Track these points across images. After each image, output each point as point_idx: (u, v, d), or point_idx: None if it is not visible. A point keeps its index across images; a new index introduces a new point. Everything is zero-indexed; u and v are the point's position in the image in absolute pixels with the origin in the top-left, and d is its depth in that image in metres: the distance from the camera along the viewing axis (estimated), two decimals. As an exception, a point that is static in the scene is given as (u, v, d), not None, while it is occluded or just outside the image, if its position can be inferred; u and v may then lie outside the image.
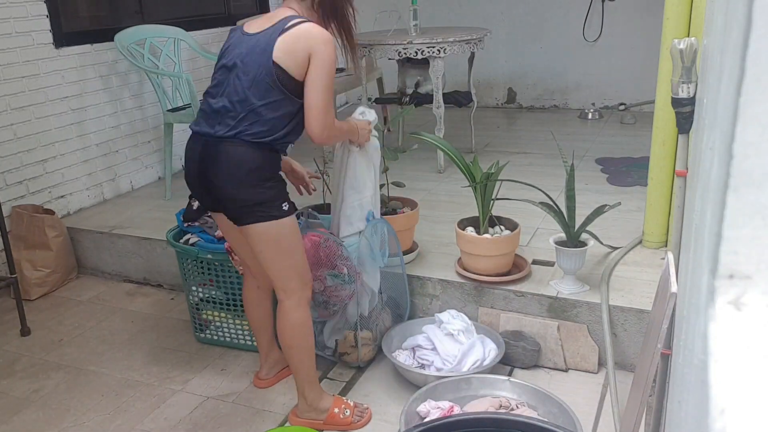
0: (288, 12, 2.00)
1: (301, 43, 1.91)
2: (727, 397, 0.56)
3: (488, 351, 2.34)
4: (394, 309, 2.62)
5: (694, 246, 0.91)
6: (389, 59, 3.95)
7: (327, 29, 2.01)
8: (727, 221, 0.61)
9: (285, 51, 1.91)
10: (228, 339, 2.69)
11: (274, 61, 1.90)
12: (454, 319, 2.42)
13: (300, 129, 2.03)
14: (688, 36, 2.27)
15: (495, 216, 2.59)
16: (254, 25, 2.01)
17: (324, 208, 2.88)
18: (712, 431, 0.54)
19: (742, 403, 0.56)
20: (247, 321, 2.45)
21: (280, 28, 1.94)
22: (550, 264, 2.66)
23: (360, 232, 2.42)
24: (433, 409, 2.07)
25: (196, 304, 2.70)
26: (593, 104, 5.57)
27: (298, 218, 2.60)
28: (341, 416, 2.18)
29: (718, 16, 0.88)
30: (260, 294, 2.33)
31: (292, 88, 1.94)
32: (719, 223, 0.62)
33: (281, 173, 2.09)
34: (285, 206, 2.02)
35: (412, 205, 2.83)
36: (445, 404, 2.11)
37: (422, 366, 2.35)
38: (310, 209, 2.78)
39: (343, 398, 2.24)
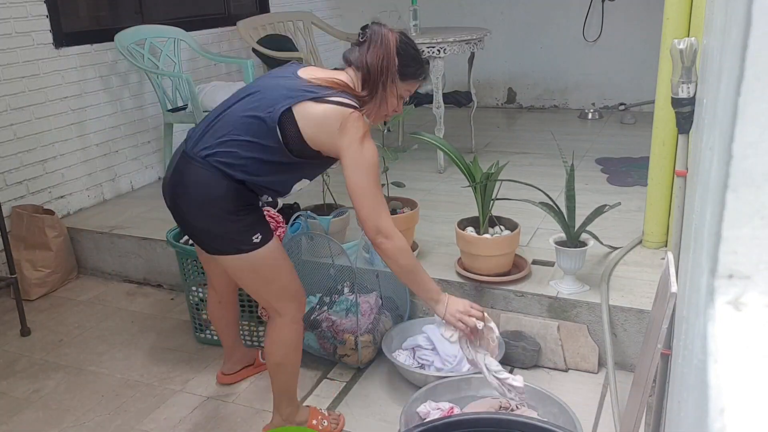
0: (340, 77, 1.86)
1: (332, 127, 1.75)
2: (727, 397, 0.56)
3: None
4: (393, 310, 2.62)
5: (694, 246, 0.91)
6: (389, 59, 3.94)
7: (369, 101, 1.86)
8: (727, 221, 0.61)
9: (308, 114, 1.76)
10: (228, 339, 2.69)
11: (290, 109, 1.76)
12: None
13: (284, 188, 1.93)
14: (688, 36, 2.27)
15: (495, 216, 2.59)
16: (309, 72, 1.87)
17: (324, 209, 2.89)
18: (712, 431, 0.54)
19: (741, 403, 0.56)
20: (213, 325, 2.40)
21: (323, 93, 1.78)
22: (550, 264, 2.66)
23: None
24: (433, 410, 2.07)
25: (196, 304, 2.70)
26: (593, 104, 5.57)
27: (296, 220, 2.60)
28: (320, 427, 2.13)
29: (718, 16, 0.88)
30: (222, 307, 2.31)
31: (293, 141, 1.79)
32: (719, 223, 0.62)
33: (255, 205, 1.92)
34: (256, 238, 1.85)
35: (412, 205, 2.83)
36: (446, 405, 2.10)
37: (422, 366, 2.35)
38: (309, 211, 2.78)
39: (318, 409, 2.20)
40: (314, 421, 2.14)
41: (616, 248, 2.78)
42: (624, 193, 3.45)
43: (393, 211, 2.75)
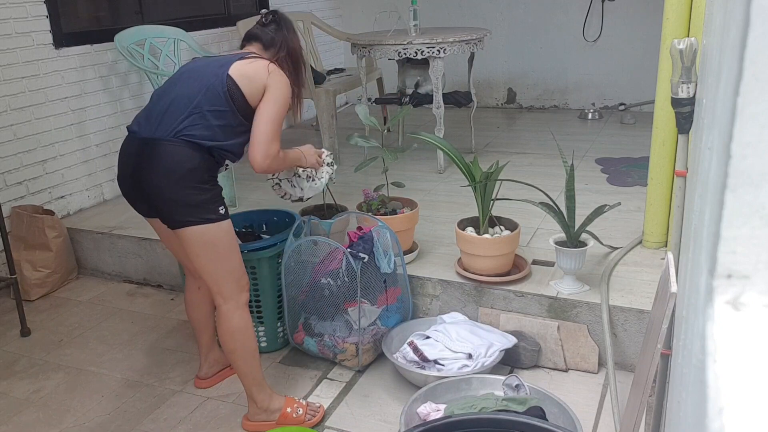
0: (251, 50, 2.16)
1: (260, 74, 2.02)
2: (725, 397, 0.56)
3: (495, 350, 2.34)
4: (395, 311, 2.62)
5: (693, 246, 0.91)
6: (389, 59, 3.95)
7: None
8: (726, 221, 0.61)
9: (242, 72, 2.02)
10: (228, 339, 2.68)
11: (228, 74, 2.00)
12: (458, 320, 2.42)
13: (240, 150, 2.08)
14: (688, 36, 2.27)
15: (495, 216, 2.59)
16: (236, 52, 2.17)
17: (324, 210, 2.88)
18: (710, 431, 0.54)
19: (740, 402, 0.56)
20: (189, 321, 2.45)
21: (241, 55, 2.08)
22: (550, 264, 2.66)
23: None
24: (433, 412, 2.07)
25: (196, 305, 2.69)
26: (593, 104, 5.57)
27: (299, 224, 2.60)
28: (293, 416, 2.19)
29: (717, 16, 0.88)
30: (200, 295, 2.34)
31: (240, 105, 2.01)
32: (717, 223, 0.61)
33: (218, 178, 2.10)
34: (221, 209, 2.04)
35: (412, 205, 2.83)
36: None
37: (422, 367, 2.33)
38: (310, 215, 2.78)
39: (295, 398, 2.25)
40: (288, 409, 2.20)
41: (616, 248, 2.78)
42: (624, 193, 3.45)
43: (393, 212, 2.75)
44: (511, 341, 2.36)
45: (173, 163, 1.96)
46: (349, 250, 2.41)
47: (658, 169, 2.66)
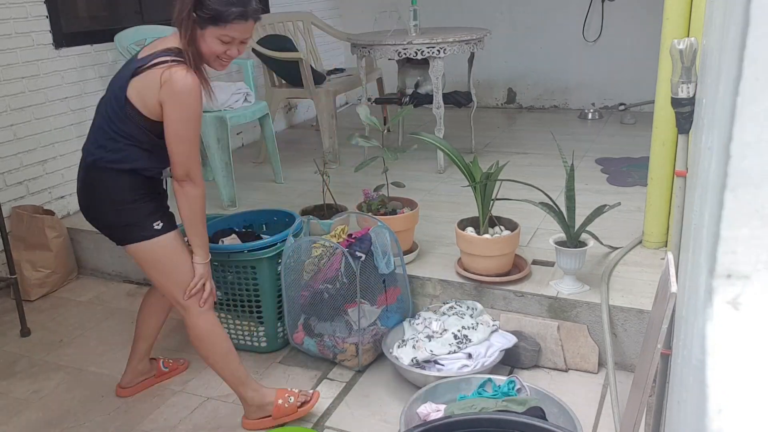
0: (169, 43, 1.93)
1: (152, 89, 1.86)
2: (725, 397, 0.56)
3: (495, 350, 2.34)
4: (395, 311, 2.62)
5: (693, 246, 0.91)
6: (389, 59, 3.95)
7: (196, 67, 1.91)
8: (725, 221, 0.61)
9: (136, 91, 1.89)
10: (228, 339, 2.68)
11: (126, 97, 1.90)
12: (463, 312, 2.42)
13: (162, 158, 1.98)
14: (688, 36, 2.27)
15: (495, 216, 2.59)
16: (145, 50, 1.97)
17: (324, 209, 2.89)
18: (710, 431, 0.54)
19: (739, 402, 0.56)
20: (135, 324, 2.42)
21: (141, 63, 1.90)
22: (550, 264, 2.66)
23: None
24: (433, 412, 2.07)
25: (196, 305, 2.69)
26: (593, 104, 5.57)
27: (299, 223, 2.60)
28: (286, 405, 2.17)
29: (717, 16, 0.88)
30: (162, 302, 2.32)
31: (144, 124, 1.92)
32: (717, 223, 0.62)
33: (154, 191, 2.06)
34: (158, 225, 1.99)
35: (412, 205, 2.83)
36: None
37: (421, 366, 2.33)
38: (310, 215, 2.78)
39: (286, 388, 2.24)
40: (280, 401, 2.18)
41: (616, 248, 2.78)
42: (624, 193, 3.45)
43: (393, 212, 2.75)
44: (511, 341, 2.36)
45: (92, 189, 1.99)
46: (347, 249, 2.41)
47: (658, 169, 2.66)
